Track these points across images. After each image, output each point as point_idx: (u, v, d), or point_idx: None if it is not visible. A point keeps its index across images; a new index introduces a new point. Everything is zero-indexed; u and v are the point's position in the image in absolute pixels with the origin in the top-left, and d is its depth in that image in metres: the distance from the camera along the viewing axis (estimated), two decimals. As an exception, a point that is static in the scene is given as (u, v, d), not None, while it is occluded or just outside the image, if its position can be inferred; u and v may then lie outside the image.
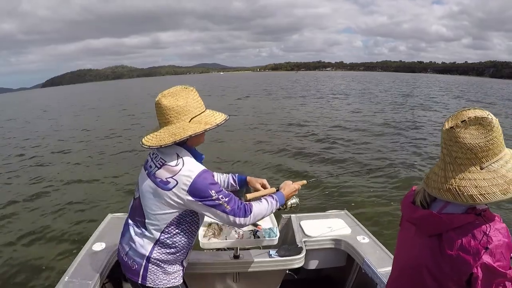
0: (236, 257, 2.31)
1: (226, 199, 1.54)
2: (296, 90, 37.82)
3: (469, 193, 1.01)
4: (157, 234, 1.57)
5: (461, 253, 1.03)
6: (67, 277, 2.06)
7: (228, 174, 2.02)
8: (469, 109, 1.06)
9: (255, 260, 2.30)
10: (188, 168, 1.51)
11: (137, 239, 1.61)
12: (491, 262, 0.99)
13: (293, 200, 1.96)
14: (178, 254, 1.65)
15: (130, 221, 1.68)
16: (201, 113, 1.56)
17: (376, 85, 50.40)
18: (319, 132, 12.71)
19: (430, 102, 24.04)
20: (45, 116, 24.01)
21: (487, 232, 1.01)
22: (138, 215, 1.63)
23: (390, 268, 2.23)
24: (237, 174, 2.02)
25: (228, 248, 2.36)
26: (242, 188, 2.00)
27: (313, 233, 2.63)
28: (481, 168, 1.02)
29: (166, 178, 1.51)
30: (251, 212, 1.61)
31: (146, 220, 1.58)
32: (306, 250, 2.41)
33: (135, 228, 1.63)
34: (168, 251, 1.61)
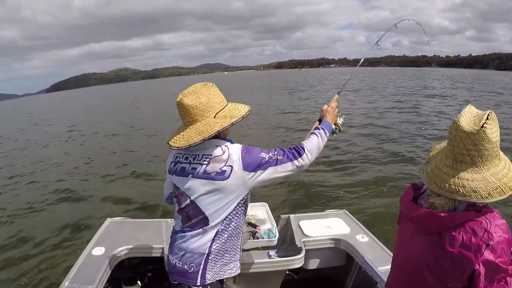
0: None
1: (276, 152, 1.57)
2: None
3: (503, 188, 1.03)
4: (216, 227, 1.58)
5: (462, 250, 1.03)
6: (67, 282, 2.07)
7: None
8: (470, 107, 1.10)
9: (255, 261, 2.29)
10: (233, 151, 1.54)
11: (195, 240, 1.60)
12: (493, 258, 1.01)
13: (340, 120, 1.93)
14: (234, 239, 1.65)
15: (181, 228, 1.67)
16: (224, 107, 1.58)
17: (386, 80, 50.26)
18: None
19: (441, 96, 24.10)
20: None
21: (488, 229, 1.03)
22: (195, 219, 1.61)
23: (390, 266, 2.23)
24: None
25: None
26: None
27: (312, 233, 2.62)
28: (499, 159, 1.07)
29: (220, 169, 1.52)
30: (303, 149, 1.61)
31: (209, 219, 1.57)
32: (305, 250, 2.41)
33: (192, 232, 1.61)
34: (226, 239, 1.61)
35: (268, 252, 2.36)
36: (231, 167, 1.51)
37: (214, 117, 1.53)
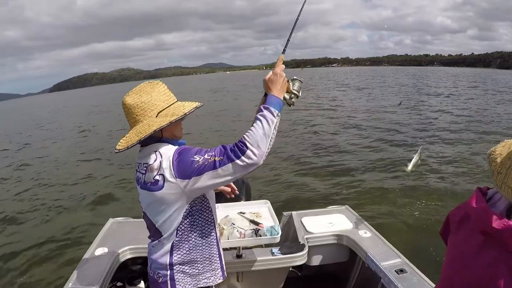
0: (239, 256, 2.31)
1: (213, 153, 1.32)
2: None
3: None
4: (171, 239, 1.46)
5: None
6: (70, 283, 2.07)
7: None
8: None
9: (258, 258, 2.30)
10: (165, 156, 1.37)
11: (156, 251, 1.52)
12: None
13: (296, 86, 1.52)
14: (202, 249, 1.51)
15: (149, 239, 1.60)
16: (170, 105, 1.43)
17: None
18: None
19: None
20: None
21: None
22: (151, 230, 1.54)
23: (392, 262, 2.23)
24: None
25: (230, 248, 2.34)
26: None
27: (315, 230, 2.63)
28: None
29: (153, 178, 1.37)
30: (245, 145, 1.30)
31: (161, 231, 1.47)
32: (308, 246, 2.41)
33: (152, 243, 1.54)
34: (188, 250, 1.49)
35: (271, 250, 2.37)
36: (163, 175, 1.35)
37: (156, 116, 1.40)
